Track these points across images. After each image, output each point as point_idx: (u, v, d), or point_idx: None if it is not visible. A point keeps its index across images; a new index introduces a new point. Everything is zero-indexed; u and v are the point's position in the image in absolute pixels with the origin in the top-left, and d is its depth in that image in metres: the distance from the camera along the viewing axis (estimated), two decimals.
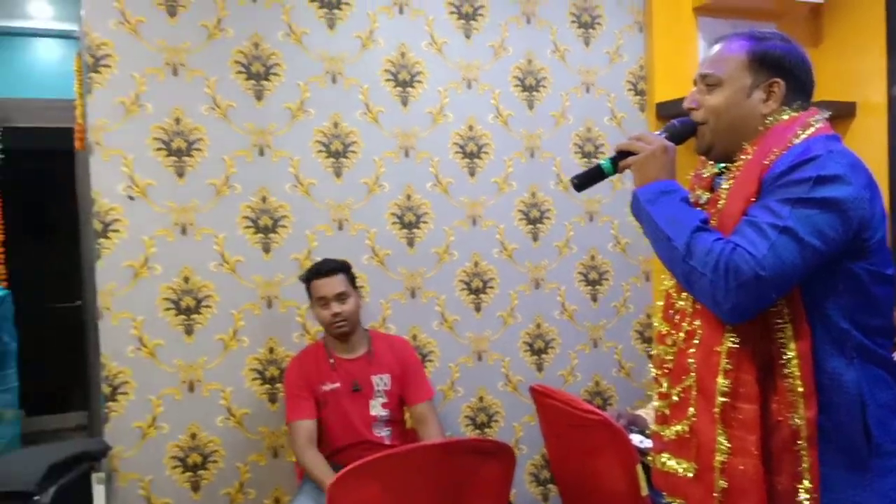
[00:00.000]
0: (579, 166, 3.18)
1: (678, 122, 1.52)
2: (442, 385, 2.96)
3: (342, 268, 2.56)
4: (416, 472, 1.92)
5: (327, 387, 2.52)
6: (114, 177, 2.52)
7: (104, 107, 2.52)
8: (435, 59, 2.94)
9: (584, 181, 1.53)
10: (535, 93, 3.10)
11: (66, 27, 4.25)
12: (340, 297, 2.51)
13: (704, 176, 1.56)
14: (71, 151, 3.96)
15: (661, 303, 1.56)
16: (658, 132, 1.51)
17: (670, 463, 1.46)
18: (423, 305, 2.94)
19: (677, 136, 1.50)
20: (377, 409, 2.56)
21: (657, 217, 1.38)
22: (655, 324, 1.53)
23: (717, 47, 1.50)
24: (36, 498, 2.16)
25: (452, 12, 2.97)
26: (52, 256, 5.03)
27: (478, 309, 3.03)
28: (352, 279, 2.59)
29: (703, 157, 1.56)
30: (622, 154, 1.49)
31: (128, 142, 2.54)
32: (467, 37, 2.99)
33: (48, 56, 4.61)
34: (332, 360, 2.55)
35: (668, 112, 3.18)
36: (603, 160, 1.51)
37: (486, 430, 3.05)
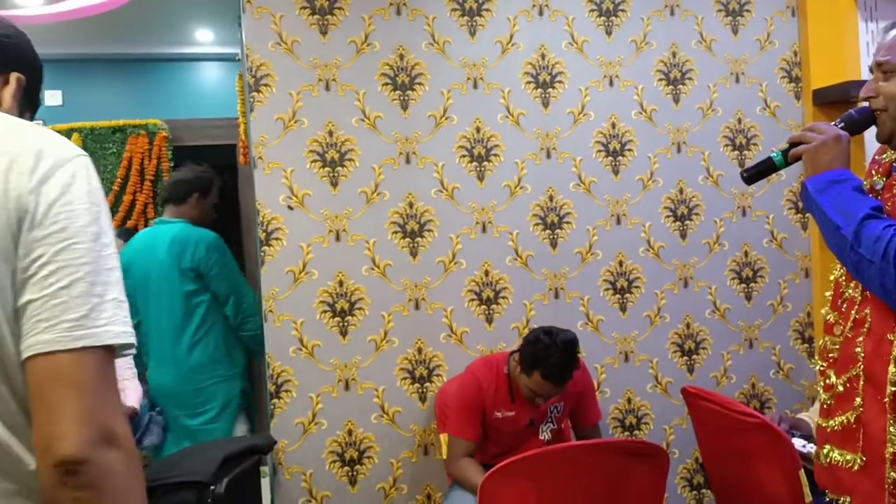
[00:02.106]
0: (730, 160, 3.06)
1: (855, 112, 1.48)
2: None
3: (576, 365, 2.37)
4: (569, 472, 1.93)
5: (501, 413, 2.49)
6: (275, 188, 2.70)
7: (265, 124, 2.70)
8: (575, 58, 2.93)
9: (754, 174, 1.52)
10: (680, 86, 3.02)
11: (228, 51, 4.59)
12: (554, 395, 2.44)
13: (884, 161, 1.50)
14: (234, 166, 4.27)
15: (829, 293, 1.51)
16: (834, 122, 1.47)
17: (834, 455, 1.42)
18: (567, 306, 2.93)
19: (855, 126, 1.47)
20: (545, 434, 2.56)
21: (826, 206, 1.36)
22: (823, 313, 1.48)
23: (893, 32, 1.45)
24: (212, 488, 2.35)
25: (593, 10, 2.95)
26: None
27: (623, 309, 2.98)
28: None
29: (883, 144, 1.51)
30: (794, 145, 1.46)
31: (287, 155, 2.71)
32: (608, 33, 2.96)
33: (212, 78, 4.99)
34: (512, 392, 2.50)
35: (827, 99, 2.99)
36: (774, 152, 1.49)
37: (636, 432, 2.99)
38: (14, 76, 1.08)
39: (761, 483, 2.11)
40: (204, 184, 3.12)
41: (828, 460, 1.43)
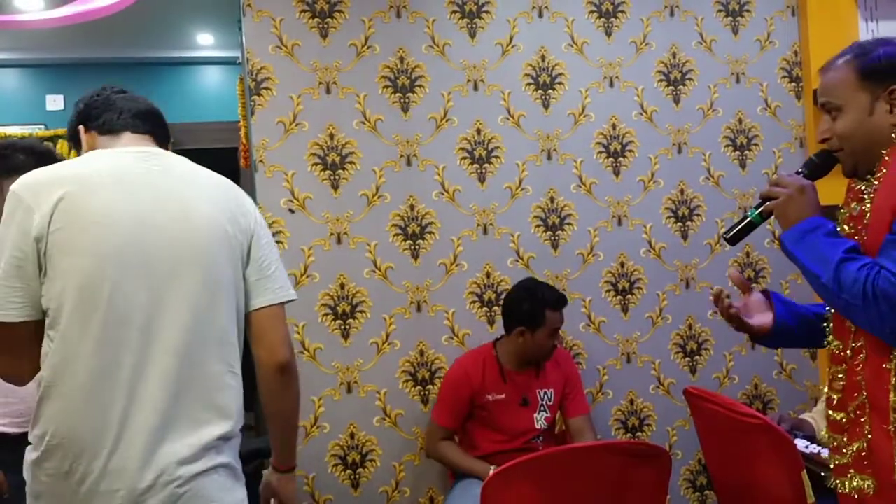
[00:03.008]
0: (730, 160, 3.06)
1: (816, 157, 1.51)
2: (590, 388, 2.94)
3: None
4: (571, 474, 1.93)
5: (493, 396, 2.55)
6: (276, 192, 2.70)
7: (266, 127, 2.70)
8: (575, 59, 2.93)
9: (736, 235, 1.55)
10: (680, 87, 3.02)
11: (228, 54, 4.60)
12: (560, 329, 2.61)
13: (855, 188, 1.51)
14: (235, 170, 4.27)
15: (829, 323, 1.51)
16: (797, 170, 1.51)
17: (856, 480, 1.42)
18: (570, 307, 2.90)
19: (817, 170, 1.50)
20: (541, 422, 2.58)
21: (803, 258, 1.38)
22: (828, 342, 1.48)
23: (824, 75, 1.48)
24: None
25: (592, 11, 2.95)
26: None
27: (625, 310, 2.98)
28: None
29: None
30: (766, 200, 1.48)
31: (288, 158, 2.71)
32: (608, 35, 2.96)
33: (213, 82, 5.00)
34: (503, 372, 2.58)
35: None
36: (750, 211, 1.52)
37: (639, 433, 2.99)
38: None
39: (764, 484, 2.10)
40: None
41: (851, 488, 1.43)
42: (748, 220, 1.52)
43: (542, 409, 2.59)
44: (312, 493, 2.72)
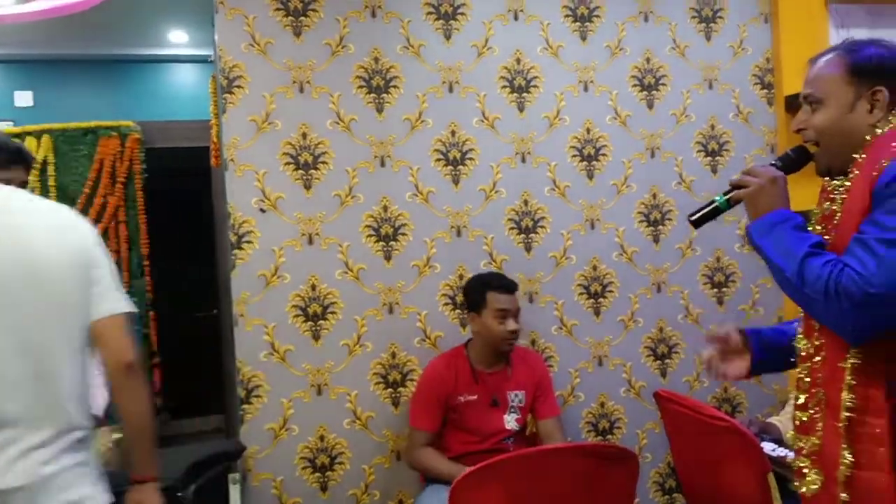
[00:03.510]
0: (702, 165, 3.08)
1: (792, 151, 1.51)
2: (562, 390, 2.94)
3: (516, 284, 2.61)
4: (539, 476, 1.92)
5: (464, 398, 2.55)
6: (247, 191, 2.67)
7: (237, 125, 2.67)
8: (550, 62, 2.94)
9: (699, 218, 1.54)
10: (654, 91, 3.03)
11: (201, 52, 4.56)
12: (518, 315, 2.56)
13: (828, 188, 1.52)
14: (207, 169, 4.23)
15: (800, 324, 1.52)
16: (772, 161, 1.50)
17: (811, 473, 1.44)
18: (542, 310, 2.93)
19: (791, 164, 1.50)
20: (511, 423, 2.58)
21: (768, 250, 1.38)
22: (799, 344, 1.49)
23: (813, 66, 1.48)
24: (179, 494, 2.32)
25: (568, 15, 2.96)
26: (191, 269, 5.37)
27: (597, 313, 2.99)
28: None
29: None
30: (736, 188, 1.48)
31: (259, 158, 2.68)
32: (583, 39, 2.97)
33: (185, 80, 4.94)
34: (474, 373, 2.58)
35: (799, 105, 3.02)
36: (717, 196, 1.51)
37: (609, 436, 3.00)
38: None
39: (731, 487, 2.11)
40: None
41: (806, 480, 1.45)
42: (714, 204, 1.51)
43: (512, 410, 2.58)
44: (280, 496, 2.69)
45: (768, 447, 2.40)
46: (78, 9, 3.33)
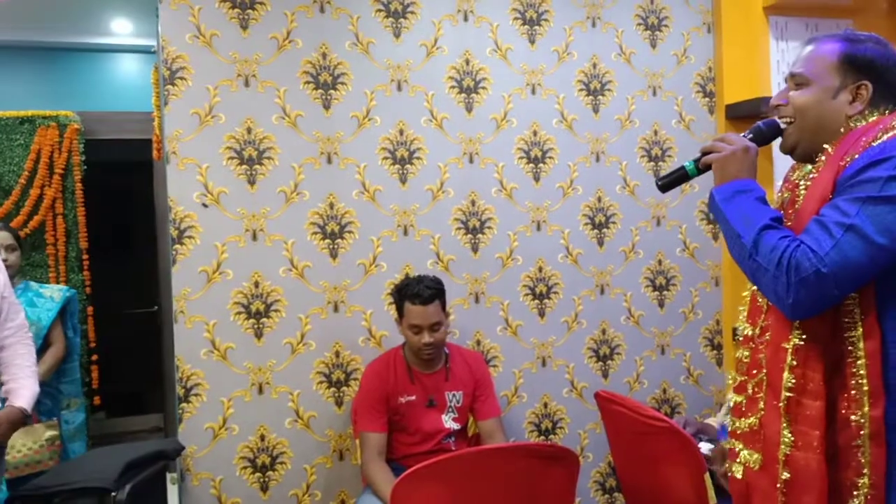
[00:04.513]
0: (645, 170, 3.14)
1: (763, 124, 1.53)
2: (506, 391, 2.96)
3: (438, 293, 2.53)
4: (480, 476, 1.93)
5: (404, 398, 2.54)
6: (189, 185, 2.62)
7: (180, 118, 2.61)
8: (499, 64, 2.95)
9: (668, 182, 1.56)
10: (600, 97, 3.07)
11: (145, 42, 4.44)
12: (434, 327, 2.50)
13: (792, 178, 1.56)
14: (150, 162, 4.13)
15: (744, 308, 1.56)
16: (743, 133, 1.51)
17: (743, 452, 1.48)
18: (488, 310, 2.94)
19: (762, 137, 1.52)
20: (449, 422, 2.58)
21: (729, 215, 1.41)
22: (740, 328, 1.54)
23: (809, 47, 1.50)
24: (113, 494, 2.26)
25: (517, 18, 2.98)
26: (131, 264, 5.24)
27: (542, 314, 3.02)
28: (444, 302, 2.56)
29: (793, 163, 1.57)
30: (705, 154, 1.50)
31: (202, 151, 2.63)
32: (531, 42, 2.99)
33: (128, 70, 4.81)
34: (411, 373, 2.57)
35: (739, 114, 3.11)
36: (687, 162, 1.53)
37: (551, 436, 3.03)
38: None
39: (669, 486, 2.15)
40: None
41: (738, 462, 1.49)
42: (683, 168, 1.53)
43: (450, 410, 2.59)
44: (219, 496, 2.64)
45: (705, 447, 2.45)
46: None
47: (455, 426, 2.58)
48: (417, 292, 2.49)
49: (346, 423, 2.74)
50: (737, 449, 1.50)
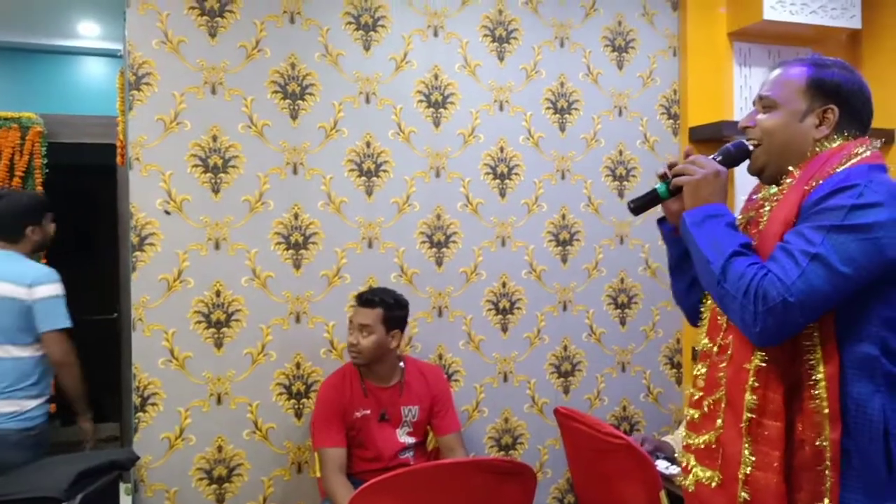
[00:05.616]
0: (610, 189, 3.17)
1: (732, 146, 1.54)
2: (467, 405, 2.96)
3: (381, 303, 2.53)
4: (436, 490, 1.92)
5: (359, 413, 2.53)
6: (152, 192, 2.59)
7: (144, 124, 2.59)
8: (467, 80, 2.97)
9: (640, 205, 1.56)
10: (566, 115, 3.11)
11: (111, 46, 4.39)
12: (362, 329, 2.51)
13: (756, 199, 1.58)
14: (113, 167, 4.08)
15: (705, 323, 1.57)
16: (712, 156, 1.53)
17: (696, 470, 1.49)
18: (450, 325, 2.95)
19: (731, 159, 1.53)
20: (403, 437, 2.58)
21: (699, 240, 1.42)
22: (701, 344, 1.54)
23: (777, 71, 1.53)
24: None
25: (486, 35, 3.00)
26: (92, 270, 5.14)
27: (504, 329, 3.03)
28: (390, 317, 2.54)
29: (758, 182, 1.59)
30: (676, 176, 1.51)
31: (166, 158, 2.60)
32: (500, 59, 3.02)
33: (94, 74, 4.75)
34: (364, 387, 2.56)
35: (702, 136, 3.16)
36: (658, 184, 1.54)
37: (511, 451, 3.03)
38: None
39: (625, 502, 2.17)
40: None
41: (691, 476, 1.50)
42: (655, 191, 1.53)
43: (405, 424, 2.58)
44: None
45: (662, 465, 2.48)
46: None
47: (410, 440, 2.57)
48: (361, 294, 2.60)
49: (305, 435, 2.72)
50: (689, 464, 1.51)
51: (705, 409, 1.48)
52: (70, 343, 2.85)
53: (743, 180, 3.12)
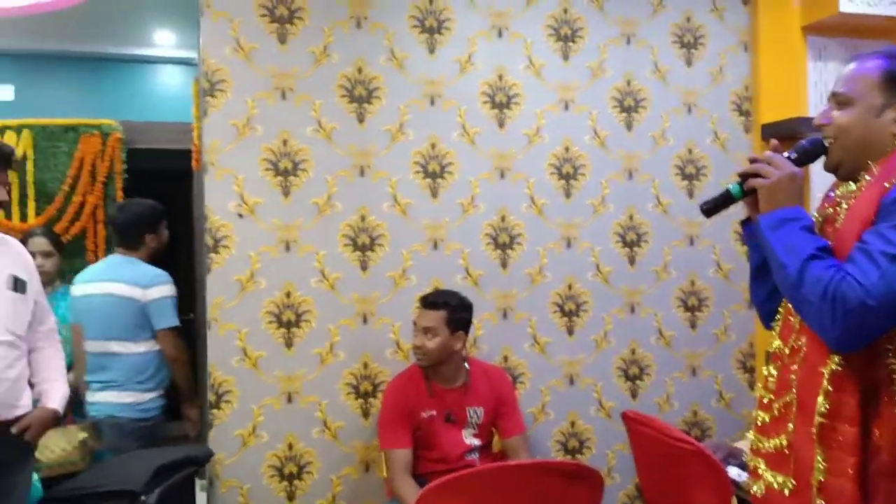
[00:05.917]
0: (679, 189, 3.11)
1: (807, 143, 1.50)
2: (532, 408, 2.95)
3: (445, 305, 2.54)
4: (503, 491, 1.92)
5: (425, 413, 2.54)
6: (225, 195, 2.67)
7: (218, 129, 2.67)
8: (532, 81, 2.96)
9: (713, 206, 1.53)
10: (633, 114, 3.07)
11: (187, 54, 4.55)
12: (427, 332, 2.52)
13: (832, 196, 1.53)
14: (189, 172, 4.20)
15: (778, 324, 1.53)
16: (787, 153, 1.48)
17: (767, 475, 1.45)
18: (516, 326, 2.94)
19: (806, 156, 1.49)
20: (469, 438, 2.58)
21: (775, 244, 1.38)
22: (774, 346, 1.50)
23: (851, 65, 1.48)
24: (143, 498, 2.29)
25: (551, 35, 2.99)
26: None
27: (570, 332, 3.00)
28: (454, 319, 2.55)
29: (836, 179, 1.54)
30: (749, 176, 1.47)
31: (239, 162, 2.68)
32: (565, 58, 3.00)
33: (171, 81, 4.93)
34: (429, 388, 2.58)
35: (775, 133, 3.07)
36: (731, 184, 1.50)
37: (578, 455, 3.00)
38: None
39: None
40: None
41: (761, 482, 1.46)
42: (728, 192, 1.49)
43: (470, 426, 2.58)
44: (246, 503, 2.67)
45: (734, 472, 2.41)
46: (64, 4, 3.33)
47: (476, 442, 2.57)
48: (426, 296, 2.62)
49: (373, 434, 2.76)
50: (760, 469, 1.47)
51: (775, 412, 1.44)
52: (181, 340, 3.03)
53: (819, 177, 3.01)
